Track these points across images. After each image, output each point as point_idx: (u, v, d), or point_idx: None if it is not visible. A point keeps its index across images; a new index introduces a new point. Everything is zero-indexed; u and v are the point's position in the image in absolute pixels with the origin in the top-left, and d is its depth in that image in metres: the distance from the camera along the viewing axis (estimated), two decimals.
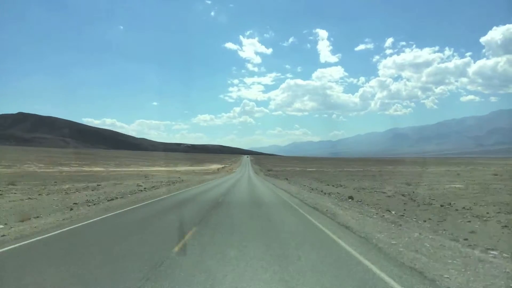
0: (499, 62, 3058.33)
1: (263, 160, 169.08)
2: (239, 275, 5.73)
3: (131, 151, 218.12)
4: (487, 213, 15.02)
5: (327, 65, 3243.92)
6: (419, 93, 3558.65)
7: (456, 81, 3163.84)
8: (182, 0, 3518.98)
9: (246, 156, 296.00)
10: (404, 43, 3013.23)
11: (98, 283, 5.33)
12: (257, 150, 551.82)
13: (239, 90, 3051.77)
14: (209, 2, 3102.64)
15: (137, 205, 15.96)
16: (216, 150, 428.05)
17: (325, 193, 24.90)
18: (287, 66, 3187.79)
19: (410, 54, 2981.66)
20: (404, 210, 16.17)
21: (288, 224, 11.46)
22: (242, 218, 12.76)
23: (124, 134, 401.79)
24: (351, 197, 21.28)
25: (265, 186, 36.27)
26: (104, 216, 12.27)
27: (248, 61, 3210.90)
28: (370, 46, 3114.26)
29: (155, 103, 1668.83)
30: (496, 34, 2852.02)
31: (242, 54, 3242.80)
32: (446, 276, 5.85)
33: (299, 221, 12.10)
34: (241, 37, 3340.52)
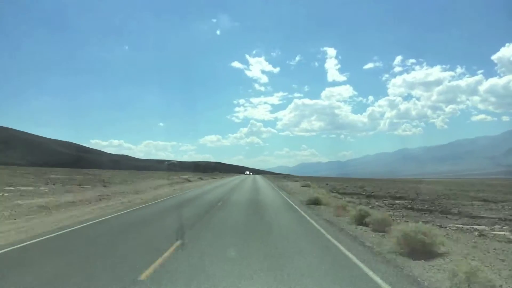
0: (511, 80, 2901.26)
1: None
2: None
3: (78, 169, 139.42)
4: None
5: (335, 84, 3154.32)
6: (429, 112, 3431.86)
7: (468, 99, 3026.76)
8: (187, 19, 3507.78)
9: (247, 173, 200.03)
10: (414, 60, 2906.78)
11: None
12: (265, 170, 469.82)
13: (245, 110, 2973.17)
14: (215, 20, 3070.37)
15: None
16: (208, 168, 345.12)
17: None
18: (294, 85, 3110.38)
19: (421, 72, 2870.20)
20: None
21: None
22: None
23: (88, 148, 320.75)
24: None
25: None
26: None
27: (255, 81, 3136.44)
28: (379, 64, 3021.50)
29: (161, 124, 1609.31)
30: (508, 51, 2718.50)
31: (248, 73, 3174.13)
32: None
33: None
34: (247, 55, 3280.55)
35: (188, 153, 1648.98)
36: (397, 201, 30.58)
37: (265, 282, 6.40)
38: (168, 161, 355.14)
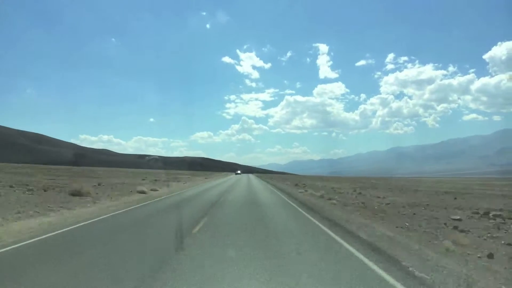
0: (502, 79, 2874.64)
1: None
2: None
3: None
4: None
5: (327, 80, 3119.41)
6: (421, 111, 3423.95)
7: (459, 98, 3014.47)
8: (176, 12, 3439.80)
9: (235, 173, 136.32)
10: (406, 58, 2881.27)
11: None
12: (257, 167, 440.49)
13: (236, 106, 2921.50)
14: (204, 13, 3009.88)
15: None
16: (195, 164, 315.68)
17: None
18: (285, 81, 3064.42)
19: (413, 70, 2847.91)
20: None
21: None
22: None
23: (50, 139, 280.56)
24: None
25: None
26: None
27: (246, 76, 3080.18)
28: (371, 61, 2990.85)
29: (151, 119, 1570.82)
30: (500, 50, 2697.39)
31: (239, 68, 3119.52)
32: None
33: None
34: (238, 51, 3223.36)
35: (179, 149, 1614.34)
36: None
37: None
38: (149, 156, 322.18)
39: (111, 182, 37.01)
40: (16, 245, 8.12)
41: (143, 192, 25.71)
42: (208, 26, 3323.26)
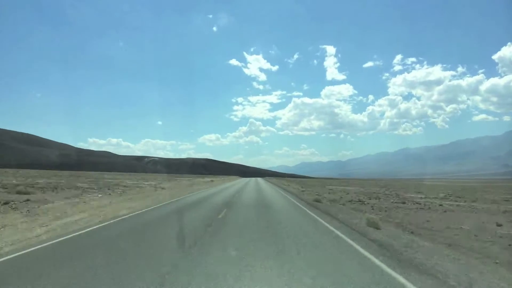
0: None
1: None
2: None
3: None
4: None
5: (334, 82, 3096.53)
6: (430, 112, 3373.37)
7: (468, 99, 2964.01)
8: (182, 14, 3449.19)
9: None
10: (414, 59, 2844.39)
11: None
12: (266, 170, 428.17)
13: (244, 108, 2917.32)
14: (210, 16, 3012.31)
15: None
16: (197, 167, 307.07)
17: None
18: (292, 83, 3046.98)
19: (421, 71, 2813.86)
20: None
21: None
22: None
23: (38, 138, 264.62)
24: None
25: None
26: None
27: (253, 79, 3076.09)
28: (379, 63, 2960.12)
29: (159, 122, 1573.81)
30: (509, 50, 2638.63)
31: (246, 71, 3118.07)
32: None
33: None
34: (245, 53, 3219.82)
35: (187, 152, 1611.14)
36: None
37: None
38: (148, 157, 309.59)
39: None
40: None
41: None
42: (214, 29, 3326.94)
